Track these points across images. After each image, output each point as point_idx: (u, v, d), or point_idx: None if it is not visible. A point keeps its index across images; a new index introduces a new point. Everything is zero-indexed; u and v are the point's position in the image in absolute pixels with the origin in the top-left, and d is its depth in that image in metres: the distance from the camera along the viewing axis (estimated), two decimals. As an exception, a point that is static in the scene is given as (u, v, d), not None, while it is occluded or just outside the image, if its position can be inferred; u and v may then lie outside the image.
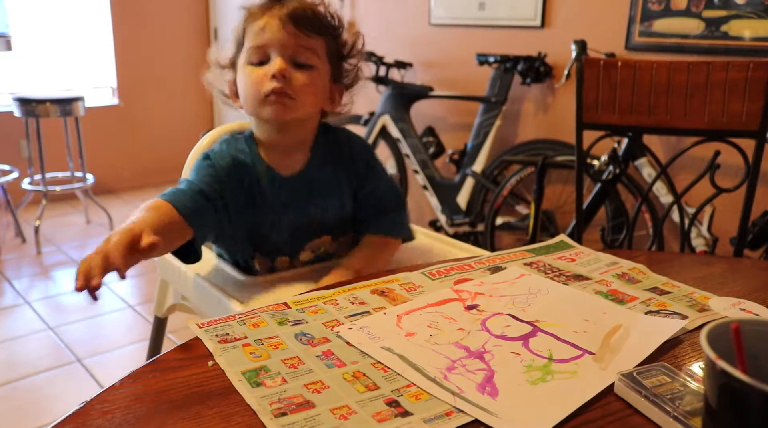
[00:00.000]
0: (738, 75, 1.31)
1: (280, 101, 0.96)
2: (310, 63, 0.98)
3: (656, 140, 2.36)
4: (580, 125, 1.43)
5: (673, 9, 2.29)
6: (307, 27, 0.97)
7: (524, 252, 1.00)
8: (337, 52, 1.04)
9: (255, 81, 0.97)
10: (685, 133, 1.41)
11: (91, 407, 0.57)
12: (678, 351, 0.69)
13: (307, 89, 0.98)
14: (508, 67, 2.70)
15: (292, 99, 0.97)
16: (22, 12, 3.89)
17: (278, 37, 0.96)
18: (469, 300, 0.81)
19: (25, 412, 1.81)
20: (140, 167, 4.42)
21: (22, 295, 2.64)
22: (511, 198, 2.72)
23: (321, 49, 1.00)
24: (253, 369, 0.63)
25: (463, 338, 0.71)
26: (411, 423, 0.55)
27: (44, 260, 3.06)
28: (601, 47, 2.42)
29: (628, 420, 0.57)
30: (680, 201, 1.42)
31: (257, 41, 0.97)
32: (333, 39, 1.02)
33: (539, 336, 0.71)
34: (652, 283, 0.88)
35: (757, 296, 0.85)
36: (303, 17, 0.96)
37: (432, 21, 3.14)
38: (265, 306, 0.77)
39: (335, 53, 1.04)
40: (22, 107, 3.09)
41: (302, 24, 0.96)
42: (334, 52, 1.03)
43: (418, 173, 2.94)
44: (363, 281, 0.86)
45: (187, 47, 4.55)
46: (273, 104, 0.97)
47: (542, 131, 2.80)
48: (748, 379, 0.43)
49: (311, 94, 0.99)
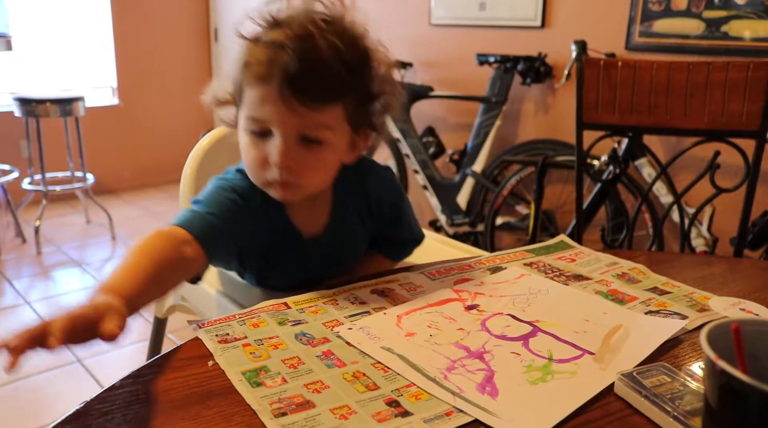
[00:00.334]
0: (738, 75, 1.31)
1: (285, 188, 0.82)
2: (321, 138, 0.79)
3: (656, 140, 2.35)
4: (580, 125, 1.43)
5: (674, 9, 2.29)
6: (317, 99, 0.76)
7: (524, 252, 1.00)
8: (361, 101, 0.83)
9: (255, 160, 0.81)
10: (685, 133, 1.41)
11: (91, 407, 0.57)
12: (678, 351, 0.69)
13: (316, 171, 0.82)
14: (508, 67, 2.70)
15: (298, 185, 0.82)
16: (22, 12, 3.89)
17: (278, 115, 0.77)
18: (469, 300, 0.81)
19: (26, 412, 1.81)
20: (140, 167, 4.42)
21: (22, 295, 2.64)
22: (511, 198, 2.72)
23: (336, 118, 0.80)
24: (253, 369, 0.63)
25: (463, 338, 0.71)
26: (411, 423, 0.55)
27: (44, 261, 3.06)
28: (601, 47, 2.42)
29: (628, 420, 0.57)
30: (680, 201, 1.42)
31: (255, 114, 0.79)
32: (355, 93, 0.81)
33: (539, 336, 0.71)
34: (652, 283, 0.88)
35: (757, 296, 0.85)
36: (311, 85, 0.75)
37: (432, 21, 3.14)
38: (265, 306, 0.77)
39: (358, 104, 0.82)
40: (22, 107, 3.09)
41: (310, 96, 0.75)
42: (355, 106, 0.82)
43: (418, 173, 2.94)
44: (363, 281, 0.86)
45: (187, 47, 4.55)
46: (277, 189, 0.83)
47: (542, 131, 2.80)
48: (748, 379, 0.43)
49: (322, 173, 0.84)
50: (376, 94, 0.83)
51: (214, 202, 0.83)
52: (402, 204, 1.00)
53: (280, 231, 0.89)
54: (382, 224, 0.99)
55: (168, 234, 0.76)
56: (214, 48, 4.64)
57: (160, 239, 0.74)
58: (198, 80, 4.61)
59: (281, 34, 0.76)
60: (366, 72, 0.81)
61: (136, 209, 3.92)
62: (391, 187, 0.98)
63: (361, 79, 0.81)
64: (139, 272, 0.67)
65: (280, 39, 0.76)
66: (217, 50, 4.61)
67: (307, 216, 0.91)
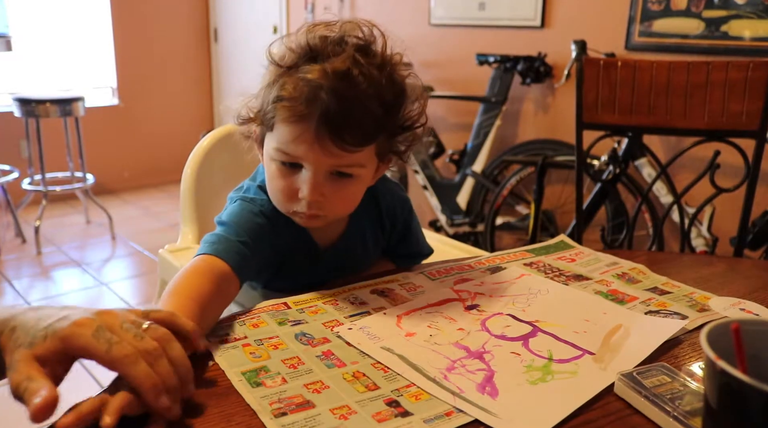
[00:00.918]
0: (738, 75, 1.31)
1: (311, 219, 0.83)
2: (352, 173, 0.79)
3: (656, 140, 2.36)
4: (580, 125, 1.43)
5: (673, 9, 2.29)
6: (353, 142, 0.74)
7: (524, 252, 1.00)
8: (391, 135, 0.81)
9: (283, 191, 0.80)
10: (685, 133, 1.41)
11: (91, 407, 0.57)
12: (678, 351, 0.69)
13: (343, 202, 0.83)
14: (508, 67, 2.70)
15: (325, 217, 0.82)
16: (22, 12, 3.89)
17: (312, 155, 0.75)
18: (469, 300, 0.81)
19: (26, 412, 1.80)
20: (140, 167, 4.42)
21: (22, 295, 2.64)
22: (511, 198, 2.72)
23: (368, 156, 0.79)
24: (253, 369, 0.63)
25: (463, 338, 0.71)
26: (411, 423, 0.55)
27: (44, 261, 3.06)
28: (601, 47, 2.42)
29: (628, 420, 0.57)
30: (680, 201, 1.43)
31: (288, 149, 0.76)
32: (388, 130, 0.80)
33: (539, 336, 0.71)
34: (652, 283, 0.88)
35: (757, 296, 0.85)
36: (348, 129, 0.73)
37: (432, 21, 3.14)
38: (265, 306, 0.77)
39: (388, 138, 0.81)
40: (22, 107, 3.09)
41: (346, 141, 0.73)
42: (386, 141, 0.81)
43: (418, 173, 2.94)
44: (363, 281, 0.86)
45: (187, 47, 4.55)
46: (303, 219, 0.83)
47: (542, 131, 2.80)
48: (748, 379, 0.43)
49: (349, 204, 0.84)
50: (407, 128, 0.82)
51: (243, 228, 0.82)
52: (411, 222, 1.01)
53: (299, 244, 0.90)
54: (392, 240, 1.00)
55: (207, 270, 0.75)
56: (214, 48, 4.64)
57: (199, 278, 0.73)
58: (198, 80, 4.62)
59: (320, 71, 0.73)
60: (400, 109, 0.80)
61: (136, 209, 3.92)
62: (403, 205, 0.99)
63: (395, 117, 0.80)
64: (184, 313, 0.64)
65: (319, 79, 0.72)
66: (217, 50, 4.61)
67: (325, 229, 0.91)
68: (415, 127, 0.82)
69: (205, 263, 0.76)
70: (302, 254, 0.91)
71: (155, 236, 3.42)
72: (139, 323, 0.56)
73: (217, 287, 0.74)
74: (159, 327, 0.57)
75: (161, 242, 1.40)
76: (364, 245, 0.96)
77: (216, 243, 0.79)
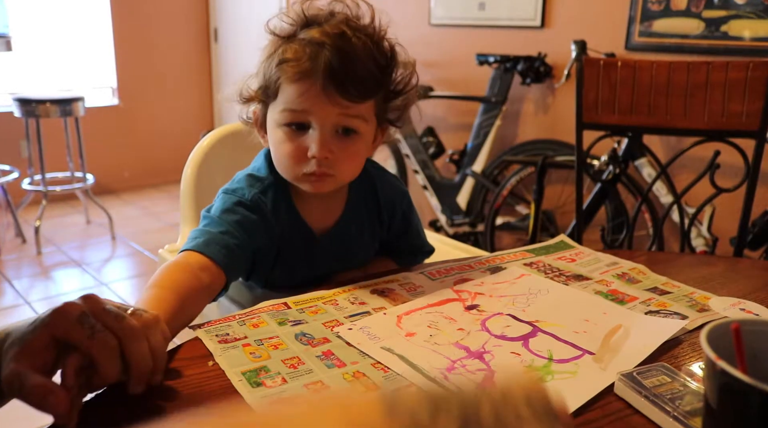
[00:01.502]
0: (738, 75, 1.31)
1: (321, 179, 0.84)
2: (356, 129, 0.83)
3: (656, 140, 2.36)
4: (580, 125, 1.43)
5: (673, 9, 2.29)
6: (356, 95, 0.80)
7: (524, 252, 1.00)
8: (386, 97, 0.88)
9: (292, 154, 0.83)
10: (685, 133, 1.41)
11: (91, 407, 0.57)
12: (678, 351, 0.69)
13: (350, 161, 0.86)
14: (508, 67, 2.70)
15: (333, 176, 0.84)
16: (22, 12, 3.89)
17: (319, 107, 0.80)
18: (469, 300, 0.81)
19: (26, 412, 1.80)
20: (140, 167, 4.42)
21: (22, 295, 2.64)
22: (511, 198, 2.72)
23: (368, 111, 0.84)
24: (253, 369, 0.63)
25: (463, 338, 0.71)
26: (411, 423, 0.55)
27: (44, 261, 3.06)
28: (601, 47, 2.42)
29: (628, 420, 0.57)
30: (680, 201, 1.43)
31: (295, 106, 0.81)
32: (384, 89, 0.86)
33: (539, 336, 0.71)
34: (652, 283, 0.88)
35: (757, 296, 0.85)
36: (349, 80, 0.78)
37: (432, 21, 3.14)
38: (265, 306, 0.77)
39: (384, 100, 0.88)
40: (22, 107, 3.09)
41: (350, 92, 0.79)
42: (382, 102, 0.87)
43: (418, 173, 2.94)
44: (363, 281, 0.86)
45: (187, 47, 4.55)
46: (312, 182, 0.84)
47: (542, 131, 2.80)
48: (748, 379, 0.43)
49: (355, 163, 0.87)
50: (399, 92, 0.88)
51: (225, 219, 0.84)
52: (411, 214, 1.03)
53: (292, 230, 0.90)
54: (392, 233, 1.01)
55: (185, 265, 0.76)
56: (214, 48, 4.64)
57: (179, 272, 0.75)
58: (198, 80, 4.62)
59: (319, 32, 0.79)
60: (393, 70, 0.86)
61: (136, 209, 3.92)
62: (402, 197, 1.00)
63: (389, 77, 0.86)
64: (162, 305, 0.68)
65: (319, 37, 0.78)
66: (217, 50, 4.61)
67: (319, 214, 0.92)
68: (407, 90, 0.88)
69: (185, 258, 0.78)
70: (298, 240, 0.91)
71: (155, 236, 3.42)
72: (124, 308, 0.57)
73: (198, 280, 0.75)
74: (145, 312, 0.58)
75: (161, 242, 1.40)
76: (361, 235, 0.96)
77: (197, 237, 0.81)
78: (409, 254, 1.05)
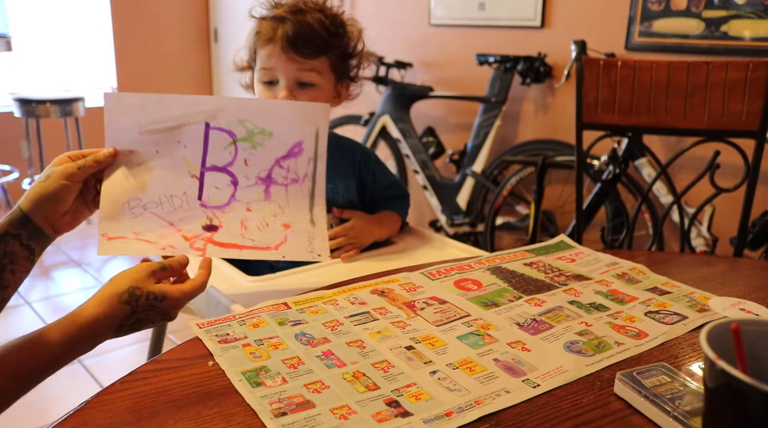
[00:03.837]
0: (738, 75, 1.31)
1: None
2: (313, 82, 1.08)
3: (656, 140, 2.36)
4: (580, 125, 1.43)
5: (673, 9, 2.29)
6: (307, 52, 1.05)
7: (524, 252, 1.00)
8: (340, 57, 1.12)
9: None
10: (685, 133, 1.41)
11: (91, 407, 0.57)
12: (678, 351, 0.69)
13: None
14: (508, 67, 2.70)
15: None
16: (22, 12, 3.89)
17: (281, 64, 1.06)
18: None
19: (25, 412, 1.80)
20: (140, 167, 4.41)
21: (22, 295, 2.64)
22: (511, 198, 2.72)
23: (323, 66, 1.09)
24: (253, 369, 0.63)
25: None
26: (411, 423, 0.55)
27: (44, 261, 3.06)
28: (601, 47, 2.42)
29: (628, 420, 0.57)
30: (680, 201, 1.43)
31: (265, 65, 1.08)
32: (335, 50, 1.10)
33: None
34: (652, 283, 0.89)
35: (757, 296, 0.85)
36: (303, 42, 1.04)
37: (432, 21, 3.13)
38: (265, 306, 0.77)
39: (338, 59, 1.11)
40: (22, 108, 3.09)
41: (302, 49, 1.05)
42: (336, 60, 1.11)
43: (418, 173, 2.94)
44: (363, 282, 0.86)
45: (187, 47, 4.55)
46: None
47: (542, 131, 2.80)
48: (748, 379, 0.43)
49: None
50: (351, 53, 1.14)
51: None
52: (379, 163, 1.28)
53: None
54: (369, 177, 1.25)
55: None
56: (214, 48, 4.63)
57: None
58: (198, 80, 4.62)
59: (281, 10, 1.08)
60: (342, 36, 1.11)
61: (136, 209, 3.92)
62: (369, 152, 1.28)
63: (339, 41, 1.10)
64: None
65: (281, 13, 1.07)
66: (217, 50, 4.61)
67: None
68: (356, 53, 1.14)
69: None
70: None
71: (155, 236, 3.41)
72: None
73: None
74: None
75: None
76: (337, 167, 1.18)
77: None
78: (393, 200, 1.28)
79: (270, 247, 0.84)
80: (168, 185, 0.82)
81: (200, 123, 0.82)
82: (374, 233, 1.20)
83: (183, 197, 0.82)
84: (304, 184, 0.86)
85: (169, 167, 0.82)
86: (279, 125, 0.85)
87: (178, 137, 0.82)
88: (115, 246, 0.80)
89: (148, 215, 0.81)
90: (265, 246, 0.84)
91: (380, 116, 3.00)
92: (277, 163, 0.85)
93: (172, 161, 0.82)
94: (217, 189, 0.83)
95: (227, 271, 1.09)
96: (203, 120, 0.82)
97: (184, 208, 0.82)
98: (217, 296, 1.02)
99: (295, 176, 0.86)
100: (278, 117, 0.85)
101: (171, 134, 0.82)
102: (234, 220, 0.83)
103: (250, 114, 0.83)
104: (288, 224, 0.85)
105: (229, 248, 0.83)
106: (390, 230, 1.26)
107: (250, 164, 0.84)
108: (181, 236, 0.81)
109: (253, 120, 0.83)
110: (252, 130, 0.84)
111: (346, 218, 1.19)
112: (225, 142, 0.83)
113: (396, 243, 1.24)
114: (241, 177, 0.84)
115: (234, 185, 0.83)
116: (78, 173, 0.78)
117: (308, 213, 0.86)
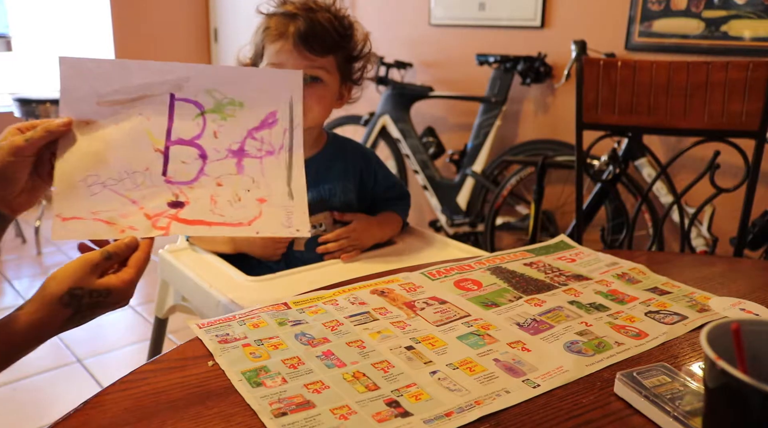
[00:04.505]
0: (738, 75, 1.31)
1: None
2: (320, 78, 1.10)
3: (656, 140, 2.35)
4: (580, 125, 1.43)
5: (673, 9, 2.29)
6: (318, 49, 1.08)
7: (524, 252, 1.00)
8: (346, 58, 1.15)
9: None
10: (685, 133, 1.41)
11: (91, 407, 0.57)
12: (678, 351, 0.69)
13: (317, 103, 1.10)
14: (508, 67, 2.69)
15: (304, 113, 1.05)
16: (22, 12, 3.89)
17: (292, 59, 1.07)
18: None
19: (26, 413, 1.81)
20: (140, 167, 4.42)
21: (22, 295, 2.64)
22: (511, 198, 2.72)
23: (331, 65, 1.11)
24: (253, 369, 0.63)
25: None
26: (411, 423, 0.55)
27: (44, 261, 3.07)
28: (601, 47, 2.42)
29: (628, 420, 0.57)
30: (680, 201, 1.42)
31: (274, 60, 1.09)
32: (343, 50, 1.13)
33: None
34: (652, 283, 0.89)
35: (757, 296, 0.85)
36: (315, 39, 1.07)
37: (432, 21, 3.13)
38: (265, 306, 0.77)
39: (345, 60, 1.14)
40: (22, 107, 3.09)
41: (314, 46, 1.07)
42: (343, 60, 1.14)
43: (418, 173, 2.94)
44: (363, 282, 0.86)
45: (187, 47, 4.55)
46: None
47: (542, 131, 2.80)
48: (748, 379, 0.43)
49: (319, 106, 1.12)
50: (357, 56, 1.16)
51: None
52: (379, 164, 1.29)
53: None
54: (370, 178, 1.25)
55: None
56: (214, 48, 4.63)
57: None
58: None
59: (292, 6, 1.10)
60: (350, 37, 1.14)
61: (136, 210, 3.92)
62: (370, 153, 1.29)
63: (347, 42, 1.13)
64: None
65: (292, 10, 1.09)
66: (217, 50, 4.61)
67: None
68: (363, 55, 1.16)
69: None
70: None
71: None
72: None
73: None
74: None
75: (161, 243, 1.40)
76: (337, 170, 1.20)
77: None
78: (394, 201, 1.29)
79: (242, 223, 0.78)
80: (129, 159, 0.76)
81: (165, 94, 0.77)
82: (375, 235, 1.20)
83: (146, 173, 0.76)
84: (280, 156, 0.81)
85: (131, 141, 0.76)
86: (250, 94, 0.79)
87: (140, 109, 0.76)
88: (70, 228, 0.75)
89: (107, 192, 0.75)
90: (236, 222, 0.78)
91: (380, 116, 3.00)
92: (250, 134, 0.80)
93: (134, 133, 0.76)
94: (183, 163, 0.77)
95: (227, 271, 1.09)
96: (168, 91, 0.77)
97: (146, 184, 0.76)
98: (217, 296, 1.02)
99: (270, 148, 0.80)
100: (248, 86, 0.79)
101: (132, 105, 0.76)
102: (203, 196, 0.78)
103: (219, 83, 0.78)
104: (263, 198, 0.80)
105: (196, 225, 0.77)
106: (391, 232, 1.26)
107: (220, 137, 0.79)
108: (143, 214, 0.76)
109: (222, 90, 0.78)
110: (221, 100, 0.79)
111: (348, 221, 1.19)
112: (192, 114, 0.78)
113: (396, 243, 1.24)
114: (211, 150, 0.78)
115: (203, 158, 0.78)
116: (26, 147, 0.69)
117: (286, 186, 0.81)
